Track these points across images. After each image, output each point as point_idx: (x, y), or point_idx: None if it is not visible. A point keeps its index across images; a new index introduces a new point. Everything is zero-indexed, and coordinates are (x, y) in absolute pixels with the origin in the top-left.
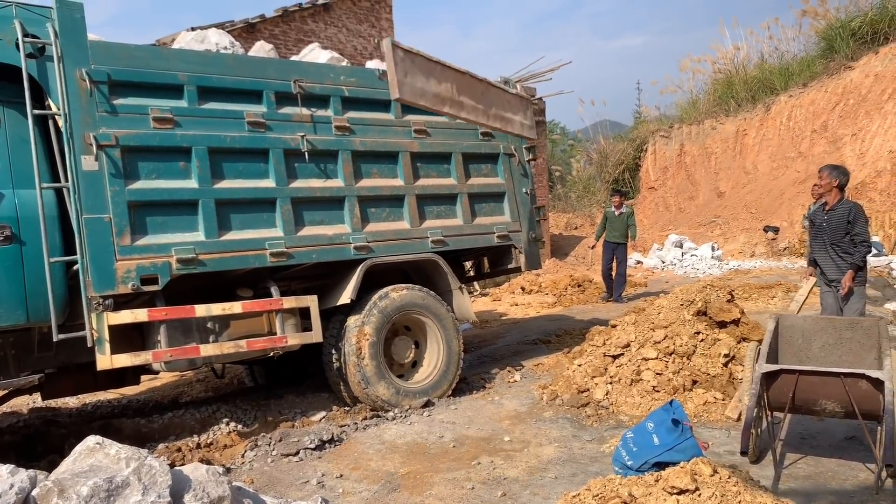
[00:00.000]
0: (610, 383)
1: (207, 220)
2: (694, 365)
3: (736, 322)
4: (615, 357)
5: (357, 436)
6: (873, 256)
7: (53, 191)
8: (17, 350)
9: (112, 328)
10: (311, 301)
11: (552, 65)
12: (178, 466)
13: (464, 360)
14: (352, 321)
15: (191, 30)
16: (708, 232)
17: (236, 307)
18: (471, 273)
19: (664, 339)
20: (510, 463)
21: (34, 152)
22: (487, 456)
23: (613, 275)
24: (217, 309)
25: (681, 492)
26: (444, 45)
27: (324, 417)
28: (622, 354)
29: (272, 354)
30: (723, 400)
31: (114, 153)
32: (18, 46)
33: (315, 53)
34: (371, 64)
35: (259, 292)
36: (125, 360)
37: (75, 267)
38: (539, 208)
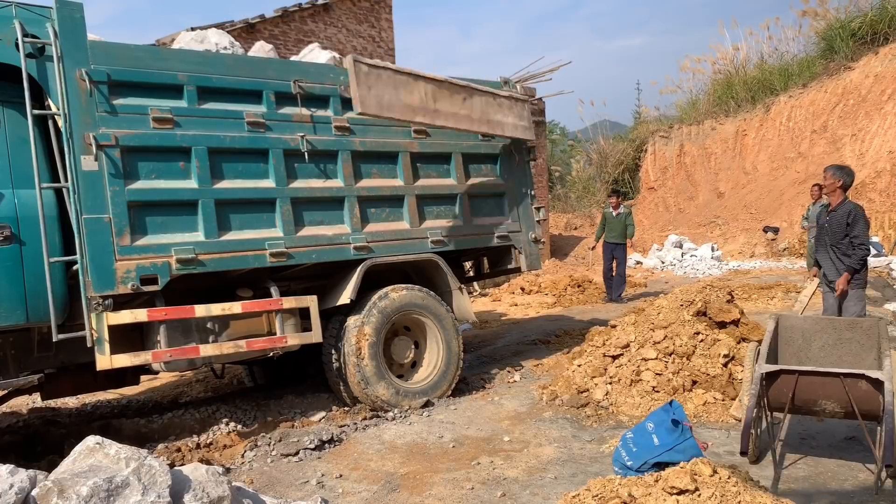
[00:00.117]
0: (610, 384)
1: (207, 221)
2: (694, 365)
3: (736, 322)
4: (615, 357)
5: (357, 436)
6: (873, 257)
7: (53, 191)
8: (17, 350)
9: (112, 328)
10: (311, 301)
11: (552, 65)
12: (178, 466)
13: (463, 361)
14: (351, 321)
15: (190, 30)
16: (708, 232)
17: (236, 307)
18: (470, 273)
19: (664, 340)
20: (510, 463)
21: (34, 152)
22: (487, 456)
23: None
24: (217, 309)
25: (681, 492)
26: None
27: (323, 418)
28: (622, 355)
29: (272, 355)
30: (722, 400)
31: (113, 153)
32: (18, 46)
33: (315, 54)
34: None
35: (259, 292)
36: (125, 361)
37: (75, 267)
38: (539, 209)
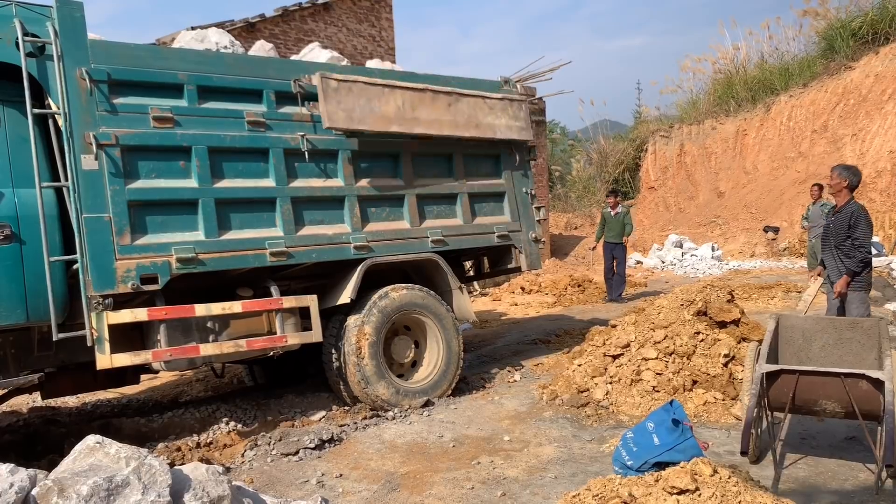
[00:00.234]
0: (610, 383)
1: (207, 220)
2: (694, 365)
3: (736, 322)
4: (615, 357)
5: (357, 435)
6: (873, 257)
7: (53, 190)
8: (17, 349)
9: (112, 327)
10: (311, 300)
11: (552, 65)
12: (178, 466)
13: (463, 360)
14: (352, 321)
15: (191, 29)
16: (708, 232)
17: (236, 307)
18: (471, 273)
19: (664, 339)
20: (510, 463)
21: (34, 151)
22: (487, 456)
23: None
24: (217, 308)
25: (681, 492)
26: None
27: (323, 417)
28: (622, 354)
29: (272, 354)
30: (723, 400)
31: (114, 152)
32: (18, 45)
33: (315, 53)
34: (371, 63)
35: (259, 292)
36: (125, 360)
37: (75, 266)
38: (539, 208)
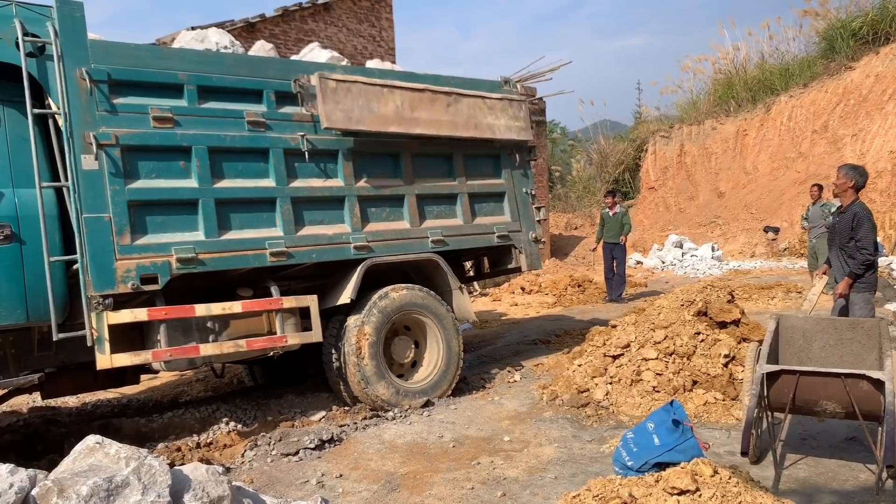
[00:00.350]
0: (610, 383)
1: (207, 220)
2: (694, 365)
3: (736, 322)
4: (615, 357)
5: (357, 436)
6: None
7: (53, 190)
8: (17, 349)
9: (112, 327)
10: (311, 301)
11: (552, 65)
12: (178, 466)
13: (463, 360)
14: (352, 321)
15: (191, 29)
16: (708, 232)
17: (236, 307)
18: (471, 273)
19: (664, 340)
20: (510, 463)
21: (34, 151)
22: (487, 456)
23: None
24: (217, 308)
25: (681, 492)
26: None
27: (323, 417)
28: (622, 355)
29: (272, 354)
30: (723, 400)
31: (114, 152)
32: (18, 45)
33: (315, 53)
34: (371, 63)
35: (259, 292)
36: (125, 360)
37: (75, 266)
38: (539, 208)
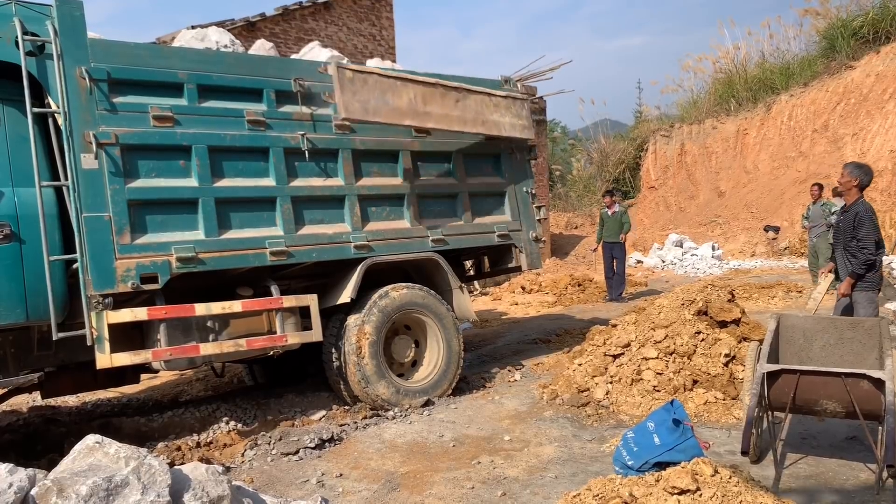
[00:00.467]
0: (610, 383)
1: (207, 219)
2: (694, 365)
3: (737, 322)
4: (615, 356)
5: (357, 435)
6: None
7: (53, 189)
8: (17, 349)
9: (112, 327)
10: (311, 300)
11: (552, 64)
12: (178, 465)
13: (464, 360)
14: (352, 320)
15: (191, 28)
16: (708, 231)
17: (236, 306)
18: (471, 272)
19: (665, 339)
20: (510, 462)
21: (34, 150)
22: (487, 455)
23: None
24: (217, 308)
25: (682, 492)
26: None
27: (324, 416)
28: (622, 354)
29: (272, 353)
30: (723, 400)
31: (113, 151)
32: (18, 44)
33: (315, 52)
34: (372, 62)
35: (259, 291)
36: (125, 359)
37: (75, 265)
38: (539, 207)
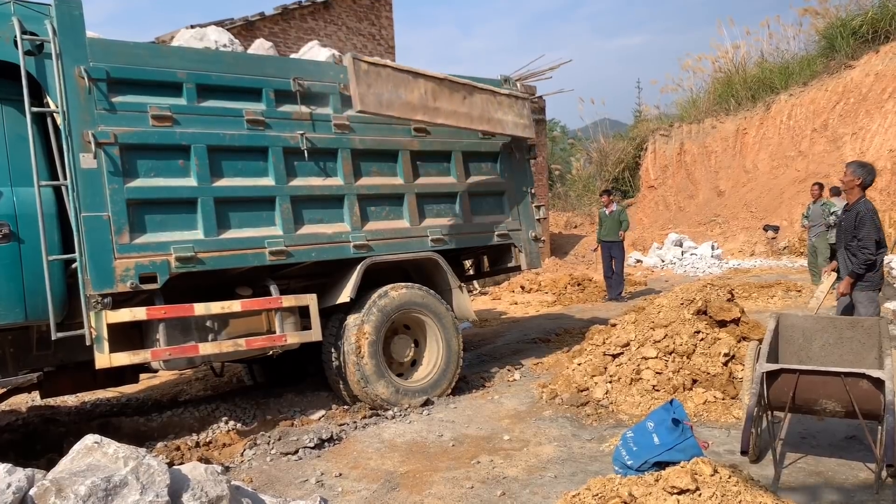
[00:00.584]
0: (610, 382)
1: (206, 219)
2: (694, 364)
3: (736, 321)
4: (615, 356)
5: (356, 434)
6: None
7: (52, 189)
8: (16, 348)
9: (111, 326)
10: (311, 299)
11: (552, 63)
12: (177, 465)
13: (463, 359)
14: (351, 320)
15: (190, 27)
16: (708, 231)
17: (235, 306)
18: (470, 272)
19: (664, 339)
20: (509, 462)
21: (32, 150)
22: (487, 455)
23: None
24: (216, 307)
25: (681, 491)
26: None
27: (323, 416)
28: (622, 353)
29: (271, 353)
30: (723, 399)
31: (112, 151)
32: (17, 44)
33: (314, 51)
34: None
35: (258, 291)
36: (124, 359)
37: (74, 265)
38: (539, 207)
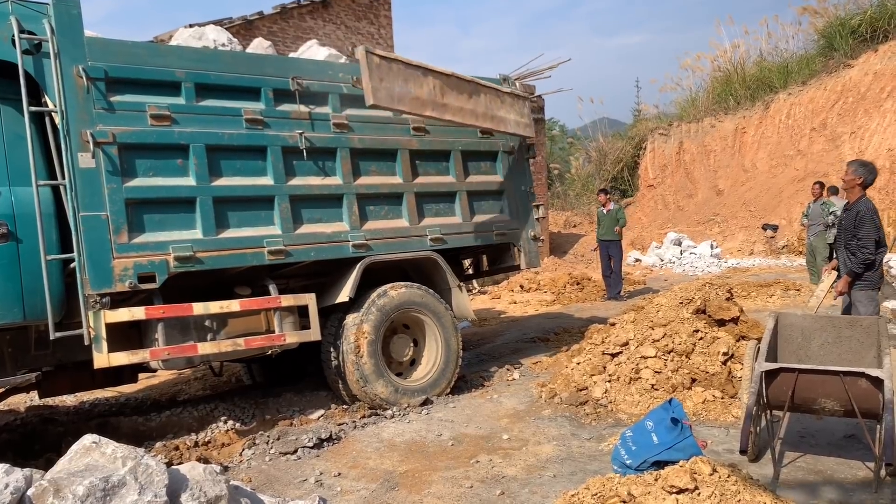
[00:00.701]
0: (609, 381)
1: (205, 218)
2: (693, 363)
3: (735, 320)
4: (614, 355)
5: (355, 434)
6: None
7: (50, 188)
8: (14, 348)
9: (109, 326)
10: (310, 299)
11: (551, 62)
12: (176, 465)
13: (462, 359)
14: (350, 319)
15: (189, 27)
16: (707, 230)
17: (234, 305)
18: (469, 271)
19: (663, 338)
20: (509, 461)
21: (30, 149)
22: (486, 454)
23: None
24: (215, 307)
25: (680, 491)
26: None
27: (322, 416)
28: (621, 353)
29: (270, 353)
30: (721, 398)
31: (111, 150)
32: (15, 43)
33: (313, 50)
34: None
35: (257, 290)
36: (122, 359)
37: (72, 265)
38: (538, 206)
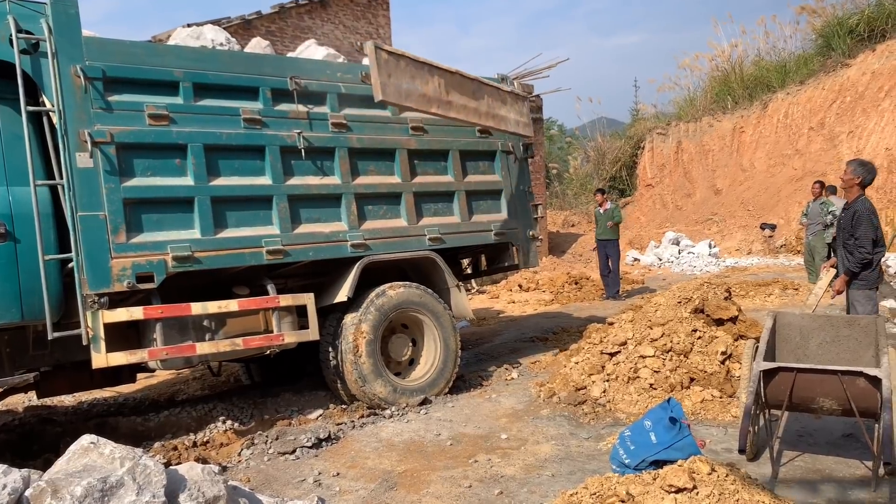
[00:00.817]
0: (607, 381)
1: (203, 218)
2: (691, 362)
3: (733, 319)
4: (612, 355)
5: (354, 434)
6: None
7: (48, 188)
8: (12, 348)
9: (107, 326)
10: (308, 299)
11: (550, 62)
12: (174, 465)
13: (461, 358)
14: (349, 319)
15: (187, 26)
16: (705, 229)
17: (232, 305)
18: (468, 271)
19: (661, 337)
20: (507, 461)
21: (28, 149)
22: (484, 454)
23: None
24: (213, 307)
25: (678, 490)
26: (443, 43)
27: (321, 415)
28: (619, 352)
29: (269, 352)
30: (720, 398)
31: (109, 150)
32: (12, 42)
33: (311, 50)
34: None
35: (255, 290)
36: (121, 359)
37: (70, 265)
38: (536, 206)
